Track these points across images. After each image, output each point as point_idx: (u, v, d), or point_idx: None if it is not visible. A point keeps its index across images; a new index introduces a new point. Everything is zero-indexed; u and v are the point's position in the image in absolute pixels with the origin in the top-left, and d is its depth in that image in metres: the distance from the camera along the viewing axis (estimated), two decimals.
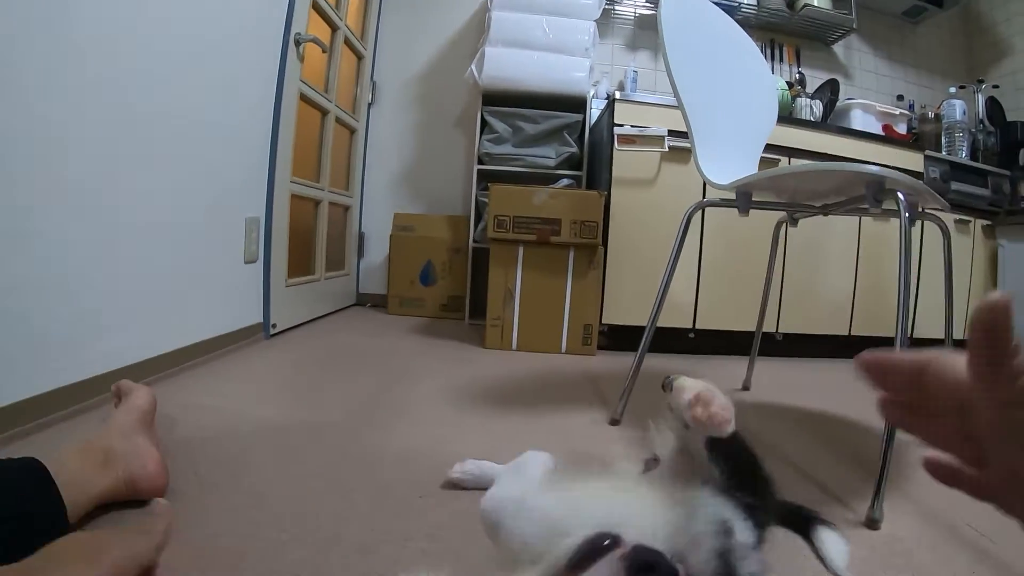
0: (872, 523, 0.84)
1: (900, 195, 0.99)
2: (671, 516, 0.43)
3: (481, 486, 0.89)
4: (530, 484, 0.50)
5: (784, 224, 1.59)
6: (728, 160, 1.37)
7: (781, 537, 0.75)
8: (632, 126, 2.10)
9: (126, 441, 0.81)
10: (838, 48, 3.10)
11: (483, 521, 0.50)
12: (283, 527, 0.74)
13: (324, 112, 2.42)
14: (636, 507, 0.44)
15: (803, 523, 0.76)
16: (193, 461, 0.92)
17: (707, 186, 1.36)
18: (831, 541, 0.73)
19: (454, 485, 0.89)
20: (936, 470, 0.30)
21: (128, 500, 0.76)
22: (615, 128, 2.10)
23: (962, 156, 2.71)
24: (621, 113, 2.12)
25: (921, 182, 1.08)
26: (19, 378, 1.01)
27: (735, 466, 0.55)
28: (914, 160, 2.44)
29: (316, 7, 2.22)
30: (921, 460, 0.31)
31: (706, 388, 0.54)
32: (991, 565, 0.75)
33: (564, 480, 0.62)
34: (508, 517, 0.46)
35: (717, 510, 0.45)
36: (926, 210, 1.27)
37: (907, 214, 0.97)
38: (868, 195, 1.06)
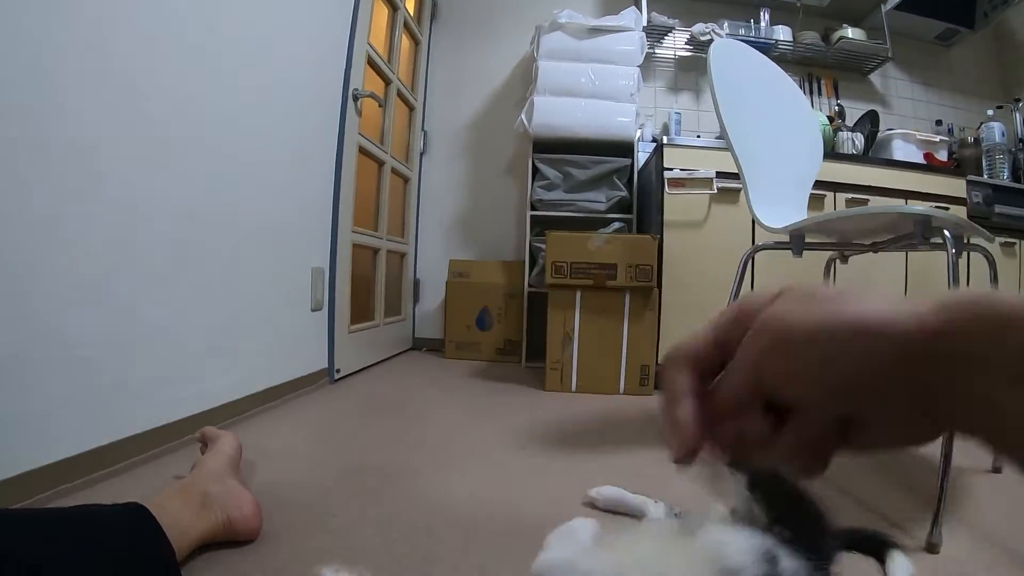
0: (932, 547, 0.88)
1: (947, 233, 1.03)
2: (709, 557, 0.44)
3: (615, 510, 0.96)
4: (579, 548, 0.50)
5: (834, 262, 1.63)
6: (779, 201, 1.42)
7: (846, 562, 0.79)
8: (681, 169, 2.16)
9: (220, 485, 0.83)
10: (875, 77, 3.13)
11: None
12: (378, 566, 0.77)
13: (380, 163, 2.52)
14: (681, 566, 0.46)
15: (876, 546, 0.80)
16: (279, 505, 0.94)
17: (756, 225, 1.40)
18: (901, 564, 0.77)
19: (590, 504, 0.95)
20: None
21: (225, 541, 0.79)
22: (665, 172, 2.16)
23: (1004, 178, 2.72)
24: (669, 157, 2.18)
25: (965, 219, 1.12)
26: (98, 425, 1.07)
27: (779, 504, 0.55)
28: (957, 186, 2.46)
29: (371, 62, 2.33)
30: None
31: None
32: None
33: (611, 544, 0.68)
34: None
35: (757, 542, 0.46)
36: (971, 241, 1.31)
37: (954, 250, 1.02)
38: (916, 233, 1.10)
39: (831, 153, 2.44)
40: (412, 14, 2.85)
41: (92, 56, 1.03)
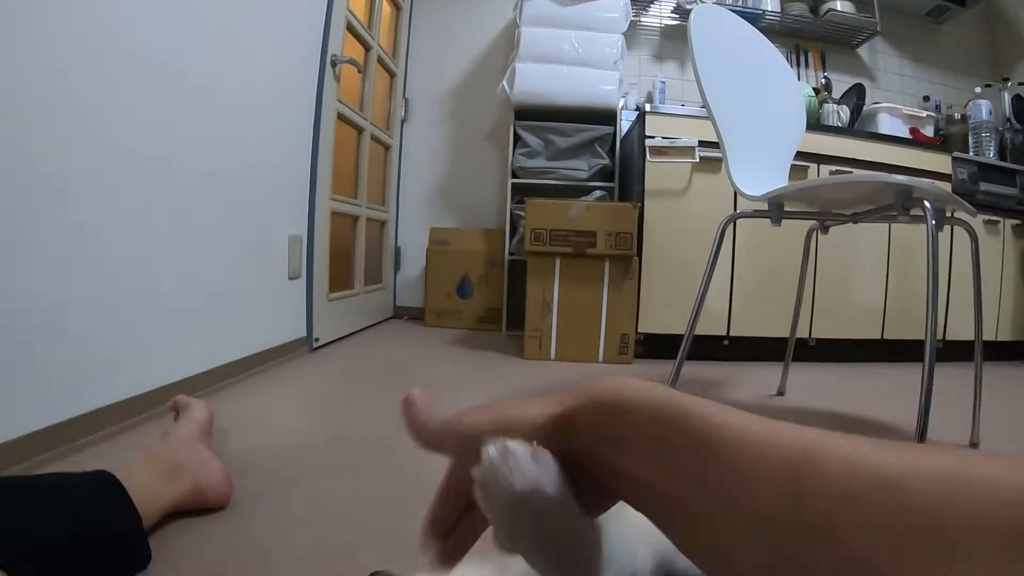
0: None
1: (927, 203, 1.03)
2: None
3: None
4: None
5: (815, 232, 1.62)
6: (759, 170, 1.41)
7: None
8: (663, 138, 2.14)
9: (190, 452, 0.83)
10: (863, 51, 3.11)
11: None
12: (352, 526, 0.78)
13: (360, 130, 2.49)
14: None
15: None
16: (251, 473, 0.94)
17: (738, 195, 1.39)
18: None
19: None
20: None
21: (195, 509, 0.79)
22: (646, 140, 2.14)
23: (989, 156, 2.71)
24: (652, 125, 2.16)
25: (948, 191, 1.11)
26: (75, 394, 1.05)
27: None
28: (942, 162, 2.45)
29: (350, 28, 2.28)
30: None
31: None
32: None
33: None
34: None
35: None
36: (955, 215, 1.30)
37: (933, 222, 1.01)
38: (896, 204, 1.10)
39: (816, 125, 2.42)
40: None
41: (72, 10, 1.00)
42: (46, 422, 0.98)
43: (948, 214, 1.28)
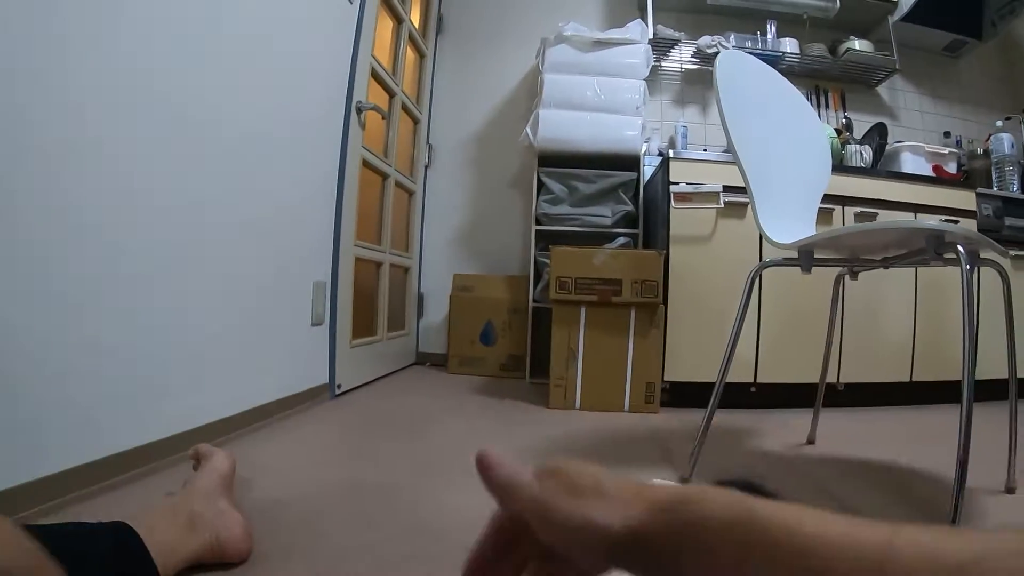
0: None
1: (960, 248, 1.00)
2: None
3: None
4: None
5: (844, 278, 1.60)
6: (787, 216, 1.40)
7: None
8: (687, 183, 2.14)
9: (210, 505, 0.82)
10: (882, 89, 3.11)
11: None
12: None
13: (384, 176, 2.52)
14: None
15: None
16: (272, 525, 0.93)
17: (765, 242, 1.38)
18: None
19: None
20: None
21: (213, 563, 0.78)
22: (671, 187, 2.14)
23: (1013, 190, 2.69)
24: (676, 171, 2.16)
25: (977, 232, 1.09)
26: (86, 440, 1.04)
27: None
28: (966, 199, 2.43)
29: (375, 75, 2.32)
30: None
31: None
32: None
33: None
34: None
35: None
36: (984, 256, 1.28)
37: (968, 266, 0.99)
38: (928, 249, 1.07)
39: (839, 166, 2.42)
40: (418, 27, 2.85)
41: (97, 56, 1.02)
42: (61, 467, 0.98)
43: (978, 255, 1.27)
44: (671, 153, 2.20)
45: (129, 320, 1.13)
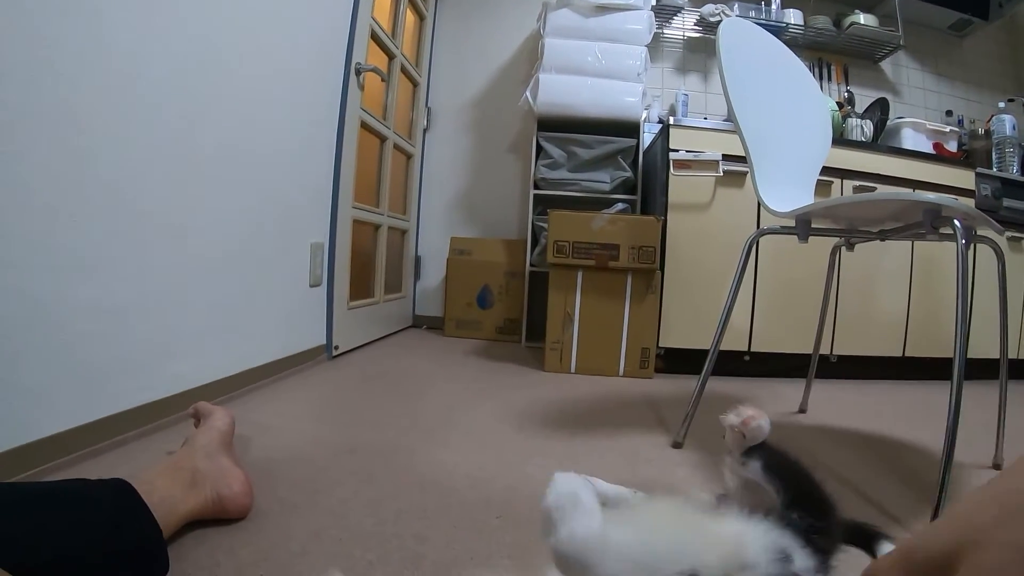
0: None
1: (957, 222, 1.00)
2: (730, 548, 0.45)
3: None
4: (597, 518, 0.47)
5: (840, 249, 1.61)
6: (785, 185, 1.39)
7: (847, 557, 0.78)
8: (687, 151, 2.14)
9: (211, 461, 0.82)
10: (886, 65, 3.09)
11: (568, 563, 0.46)
12: (367, 547, 0.76)
13: (383, 139, 2.50)
14: (701, 540, 0.46)
15: (868, 539, 0.79)
16: (271, 482, 0.94)
17: (762, 209, 1.38)
18: None
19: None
20: None
21: (214, 519, 0.78)
22: (670, 154, 2.13)
23: (1013, 171, 2.68)
24: (675, 138, 2.15)
25: (975, 209, 1.09)
26: (90, 400, 1.05)
27: (794, 490, 0.58)
28: (965, 178, 2.43)
29: (374, 37, 2.29)
30: None
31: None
32: None
33: (625, 510, 0.64)
34: (596, 558, 0.44)
35: (774, 539, 0.47)
36: (980, 234, 1.28)
37: (963, 241, 0.98)
38: (925, 222, 1.07)
39: (839, 139, 2.41)
40: None
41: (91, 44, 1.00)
42: (65, 425, 0.99)
43: (975, 232, 1.27)
44: (671, 120, 2.19)
45: (127, 286, 1.13)
